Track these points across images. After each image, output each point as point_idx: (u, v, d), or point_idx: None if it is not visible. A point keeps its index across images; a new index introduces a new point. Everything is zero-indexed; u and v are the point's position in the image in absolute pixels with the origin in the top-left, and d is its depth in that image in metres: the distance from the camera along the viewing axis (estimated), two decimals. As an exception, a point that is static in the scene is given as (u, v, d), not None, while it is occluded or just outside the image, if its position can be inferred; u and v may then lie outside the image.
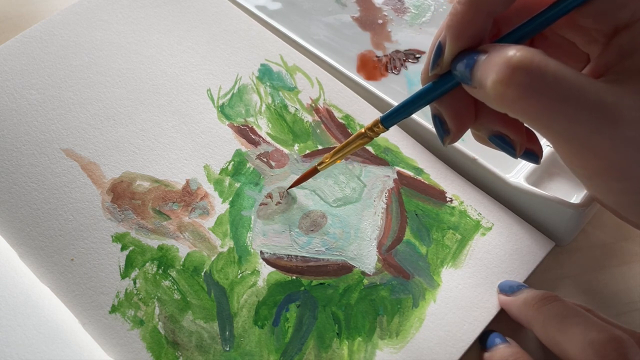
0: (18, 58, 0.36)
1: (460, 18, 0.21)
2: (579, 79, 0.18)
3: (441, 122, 0.25)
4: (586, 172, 0.21)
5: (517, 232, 0.32)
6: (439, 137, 0.25)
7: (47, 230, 0.31)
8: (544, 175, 0.33)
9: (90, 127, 0.34)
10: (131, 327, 0.29)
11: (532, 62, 0.18)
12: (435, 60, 0.23)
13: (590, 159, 0.20)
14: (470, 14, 0.21)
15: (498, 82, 0.19)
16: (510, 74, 0.19)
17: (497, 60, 0.19)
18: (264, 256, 0.31)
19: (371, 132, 0.27)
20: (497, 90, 0.19)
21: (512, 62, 0.19)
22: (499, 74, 0.19)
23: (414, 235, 0.32)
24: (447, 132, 0.25)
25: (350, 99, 0.37)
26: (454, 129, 0.24)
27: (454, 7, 0.22)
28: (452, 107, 0.24)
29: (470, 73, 0.21)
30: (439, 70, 0.23)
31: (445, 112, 0.24)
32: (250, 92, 0.36)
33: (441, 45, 0.23)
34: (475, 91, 0.21)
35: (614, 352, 0.23)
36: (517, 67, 0.19)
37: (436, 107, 0.25)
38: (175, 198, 0.32)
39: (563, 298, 0.27)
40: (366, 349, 0.29)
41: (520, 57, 0.19)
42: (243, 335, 0.29)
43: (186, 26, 0.39)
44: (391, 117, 0.26)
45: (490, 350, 0.28)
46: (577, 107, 0.18)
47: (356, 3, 0.42)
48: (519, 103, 0.19)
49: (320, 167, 0.30)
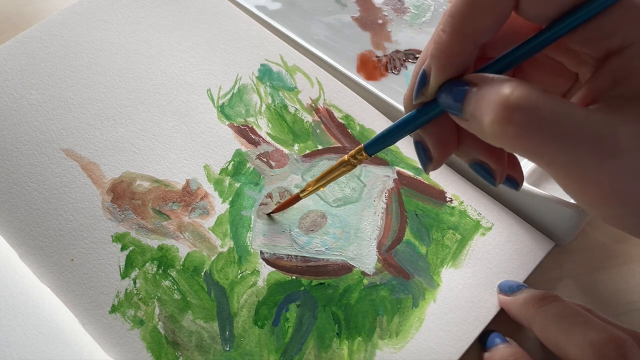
0: (18, 58, 0.36)
1: (446, 47, 0.21)
2: (576, 114, 0.18)
3: (424, 149, 0.24)
4: (586, 200, 0.20)
5: (517, 232, 0.32)
6: (421, 164, 0.25)
7: (47, 230, 0.31)
8: (544, 175, 0.33)
9: (90, 127, 0.34)
10: (131, 327, 0.29)
11: (530, 101, 0.18)
12: (419, 89, 0.22)
13: (590, 189, 0.19)
14: (456, 44, 0.21)
15: (496, 122, 0.19)
16: (508, 115, 0.18)
17: (492, 98, 0.19)
18: (264, 256, 0.31)
19: (354, 160, 0.26)
20: (495, 130, 0.19)
21: (509, 102, 0.18)
22: (497, 113, 0.19)
23: (414, 235, 0.32)
24: (429, 160, 0.24)
25: (350, 99, 0.37)
26: (437, 156, 0.24)
27: (439, 36, 0.21)
28: (436, 134, 0.24)
29: (462, 106, 0.21)
30: (423, 99, 0.23)
31: (428, 139, 0.24)
32: (250, 92, 0.36)
33: (426, 73, 0.22)
34: (466, 123, 0.21)
35: (613, 352, 0.23)
36: (515, 107, 0.18)
37: (419, 134, 0.24)
38: (175, 198, 0.32)
39: (563, 298, 0.27)
40: (366, 349, 0.29)
41: (517, 96, 0.18)
42: (243, 335, 0.29)
43: (186, 26, 0.39)
44: (375, 144, 0.25)
45: (490, 350, 0.28)
46: (575, 142, 0.18)
47: (356, 3, 0.42)
48: (517, 141, 0.19)
49: (303, 194, 0.30)
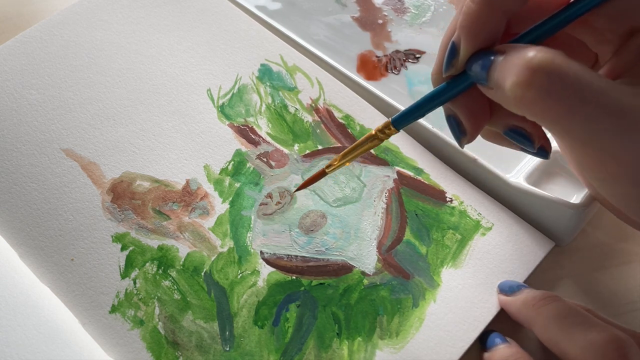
0: (18, 58, 0.36)
1: (476, 17, 0.21)
2: (600, 82, 0.18)
3: (457, 122, 0.24)
4: (600, 175, 0.20)
5: (517, 232, 0.32)
6: (455, 138, 0.25)
7: (47, 230, 0.31)
8: (544, 175, 0.33)
9: (90, 127, 0.34)
10: (131, 327, 0.29)
11: (553, 64, 0.18)
12: (449, 61, 0.22)
13: (608, 163, 0.19)
14: (485, 13, 0.21)
15: (517, 85, 0.19)
16: (530, 76, 0.18)
17: (516, 61, 0.19)
18: (264, 256, 0.31)
19: (382, 134, 0.26)
20: (516, 93, 0.19)
21: (532, 63, 0.18)
22: (519, 76, 0.19)
23: (414, 235, 0.32)
24: (463, 133, 0.24)
25: (350, 99, 0.37)
26: (470, 129, 0.24)
27: (468, 6, 0.21)
28: (467, 107, 0.23)
29: (487, 74, 0.21)
30: (453, 71, 0.23)
31: (460, 112, 0.23)
32: (250, 92, 0.36)
33: (455, 45, 0.22)
34: (491, 92, 0.21)
35: (614, 352, 0.23)
36: (537, 69, 0.18)
37: (450, 108, 0.24)
38: (175, 198, 0.32)
39: (563, 298, 0.27)
40: (366, 349, 0.29)
41: (541, 58, 0.18)
42: (243, 335, 0.29)
43: (186, 26, 0.39)
44: (403, 118, 0.25)
45: (490, 350, 0.28)
46: (597, 111, 0.18)
47: (356, 3, 0.42)
48: (538, 105, 0.19)
49: (329, 170, 0.29)
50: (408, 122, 0.25)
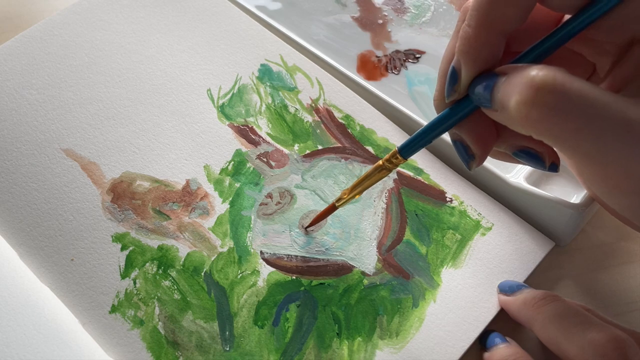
0: (18, 58, 0.36)
1: (474, 41, 0.21)
2: (603, 97, 0.18)
3: (464, 147, 0.24)
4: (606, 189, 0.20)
5: (517, 232, 0.32)
6: (463, 163, 0.24)
7: (47, 230, 0.31)
8: (544, 175, 0.33)
9: (90, 127, 0.34)
10: (131, 327, 0.29)
11: (555, 82, 0.18)
12: (451, 87, 0.22)
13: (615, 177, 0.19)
14: (483, 36, 0.21)
15: (521, 104, 0.19)
16: (533, 95, 0.18)
17: (518, 80, 0.19)
18: (264, 256, 0.31)
19: (389, 164, 0.26)
20: (521, 112, 0.19)
21: (534, 82, 0.18)
22: (522, 94, 0.18)
23: (414, 236, 0.32)
24: (472, 157, 0.24)
25: (350, 99, 0.37)
26: (479, 152, 0.23)
27: (465, 31, 0.21)
28: (474, 130, 0.23)
29: (491, 96, 0.20)
30: (456, 97, 0.23)
31: (467, 136, 0.23)
32: (250, 92, 0.36)
33: (456, 70, 0.22)
34: (496, 114, 0.21)
35: (613, 351, 0.23)
36: (540, 87, 0.18)
37: (456, 133, 0.24)
38: (175, 198, 0.32)
39: (563, 298, 0.27)
40: (366, 349, 0.29)
41: (543, 76, 0.18)
42: (243, 335, 0.29)
43: (186, 26, 0.39)
44: (409, 146, 0.25)
45: (490, 350, 0.28)
46: (603, 126, 0.18)
47: (356, 3, 0.42)
48: (543, 124, 0.18)
49: (339, 204, 0.29)
50: (415, 150, 0.25)
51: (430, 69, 0.39)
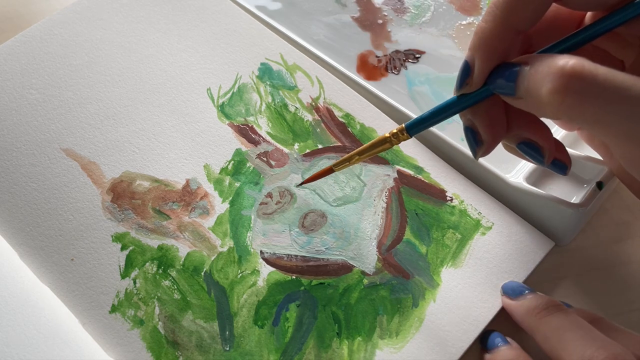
0: (18, 58, 0.36)
1: (489, 35, 0.22)
2: (629, 79, 0.19)
3: (474, 133, 0.25)
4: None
5: (517, 232, 0.32)
6: (470, 150, 0.26)
7: (47, 230, 0.31)
8: (544, 175, 0.33)
9: (90, 127, 0.34)
10: (131, 327, 0.29)
11: (584, 68, 0.19)
12: (463, 80, 0.24)
13: None
14: (498, 31, 0.22)
15: (554, 91, 0.20)
16: (566, 82, 0.19)
17: (547, 70, 0.20)
18: (264, 256, 0.31)
19: (394, 139, 0.27)
20: (554, 99, 0.20)
21: (565, 70, 0.19)
22: (555, 83, 0.20)
23: (414, 235, 0.32)
24: (479, 143, 0.25)
25: (350, 98, 0.37)
26: (489, 139, 0.25)
27: (480, 27, 0.22)
28: (487, 116, 0.24)
29: (515, 84, 0.22)
30: (467, 89, 0.24)
31: (479, 122, 0.24)
32: (250, 91, 0.36)
33: (469, 64, 0.23)
34: (520, 102, 0.22)
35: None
36: (571, 75, 0.19)
37: (469, 119, 0.25)
38: (175, 198, 0.32)
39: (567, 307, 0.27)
40: (366, 349, 0.29)
41: (573, 65, 0.19)
42: (243, 335, 0.29)
43: (186, 25, 0.39)
44: (417, 125, 0.26)
45: (491, 352, 0.28)
46: (632, 105, 0.19)
47: (356, 3, 0.42)
48: (576, 109, 0.20)
49: (337, 167, 0.30)
50: (422, 128, 0.26)
51: (430, 69, 0.39)
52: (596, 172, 0.32)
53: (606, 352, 0.23)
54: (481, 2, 0.43)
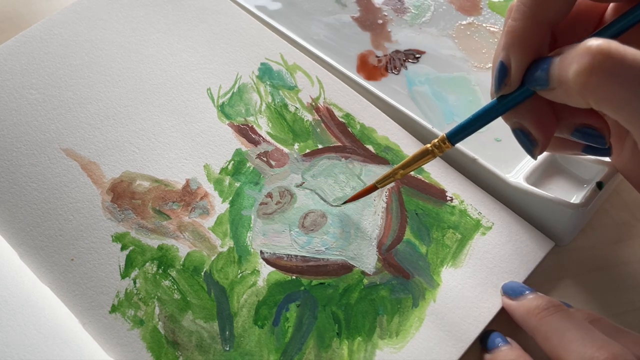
0: (18, 58, 0.36)
1: (522, 32, 0.22)
2: None
3: (525, 134, 0.24)
4: None
5: (517, 232, 0.32)
6: (526, 151, 0.25)
7: (47, 230, 0.31)
8: (544, 175, 0.33)
9: (90, 127, 0.34)
10: (131, 327, 0.29)
11: (610, 47, 0.19)
12: (501, 81, 0.23)
13: None
14: (530, 27, 0.22)
15: (580, 72, 0.19)
16: (591, 61, 0.19)
17: (574, 53, 0.20)
18: (264, 256, 0.31)
19: (436, 149, 0.26)
20: (580, 80, 0.20)
21: (591, 50, 0.19)
22: (580, 63, 0.19)
23: (414, 235, 0.32)
24: (534, 143, 0.24)
25: (350, 98, 0.37)
26: (541, 137, 0.24)
27: (510, 25, 0.22)
28: (533, 116, 0.24)
29: (548, 74, 0.21)
30: (506, 90, 0.24)
31: (528, 122, 0.24)
32: (250, 91, 0.36)
33: (505, 65, 0.23)
34: (553, 93, 0.22)
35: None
36: (597, 53, 0.19)
37: (517, 122, 0.25)
38: (175, 198, 0.32)
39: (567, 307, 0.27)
40: (366, 349, 0.29)
41: (599, 44, 0.19)
42: (243, 335, 0.29)
43: (186, 25, 0.39)
44: (458, 133, 0.26)
45: (491, 352, 0.28)
46: None
47: (356, 3, 0.42)
48: (602, 90, 0.19)
49: (380, 184, 0.30)
50: (463, 136, 0.26)
51: (430, 69, 0.39)
52: (596, 172, 0.32)
53: (606, 352, 0.23)
54: (481, 2, 0.43)
